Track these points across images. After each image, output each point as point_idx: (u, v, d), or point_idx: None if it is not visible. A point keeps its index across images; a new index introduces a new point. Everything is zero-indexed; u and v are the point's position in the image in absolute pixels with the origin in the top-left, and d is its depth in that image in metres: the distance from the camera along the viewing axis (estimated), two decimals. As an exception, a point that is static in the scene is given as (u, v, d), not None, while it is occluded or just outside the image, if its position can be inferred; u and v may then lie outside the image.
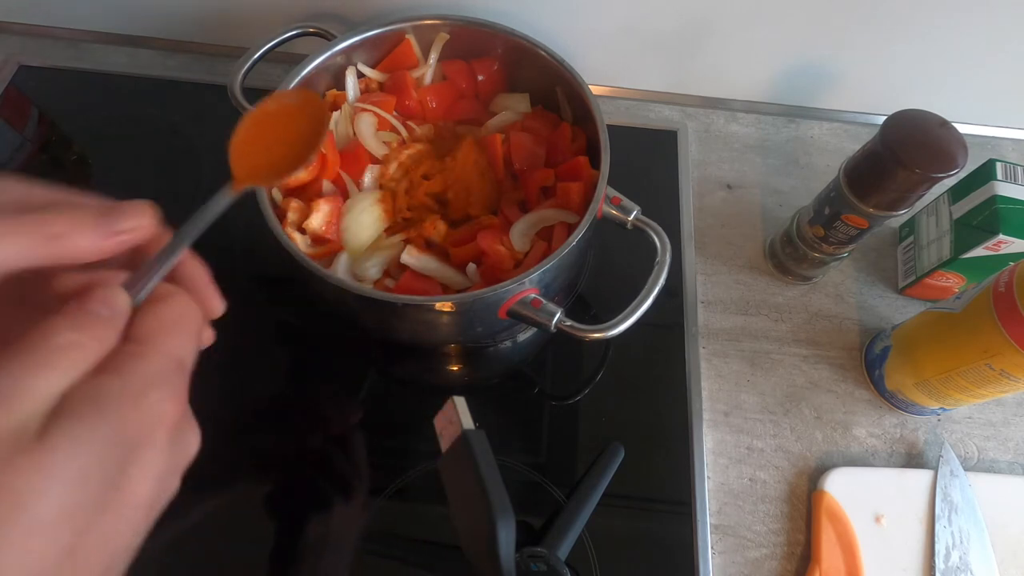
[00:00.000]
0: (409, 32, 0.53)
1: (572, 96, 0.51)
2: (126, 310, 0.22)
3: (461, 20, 0.52)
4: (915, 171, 0.42)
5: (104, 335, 0.21)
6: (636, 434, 0.50)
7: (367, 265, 0.46)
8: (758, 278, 0.58)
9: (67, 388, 0.20)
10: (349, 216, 0.47)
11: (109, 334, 0.22)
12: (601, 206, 0.45)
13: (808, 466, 0.50)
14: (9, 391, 0.19)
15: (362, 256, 0.47)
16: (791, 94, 0.66)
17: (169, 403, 0.22)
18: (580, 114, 0.51)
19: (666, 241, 0.42)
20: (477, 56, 0.54)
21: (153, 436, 0.21)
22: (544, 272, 0.41)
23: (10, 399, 0.19)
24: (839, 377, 0.54)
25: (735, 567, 0.47)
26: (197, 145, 0.62)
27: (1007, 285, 0.40)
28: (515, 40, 0.51)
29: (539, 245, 0.47)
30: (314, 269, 0.40)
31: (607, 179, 0.45)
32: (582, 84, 0.49)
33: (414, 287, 0.45)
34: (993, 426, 0.53)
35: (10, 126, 0.62)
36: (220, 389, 0.43)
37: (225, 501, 0.46)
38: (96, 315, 0.21)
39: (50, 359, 0.20)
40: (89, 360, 0.21)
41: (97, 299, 0.22)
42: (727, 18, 0.58)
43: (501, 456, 0.47)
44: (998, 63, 0.60)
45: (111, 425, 0.20)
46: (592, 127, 0.48)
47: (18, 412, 0.19)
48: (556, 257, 0.41)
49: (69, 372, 0.20)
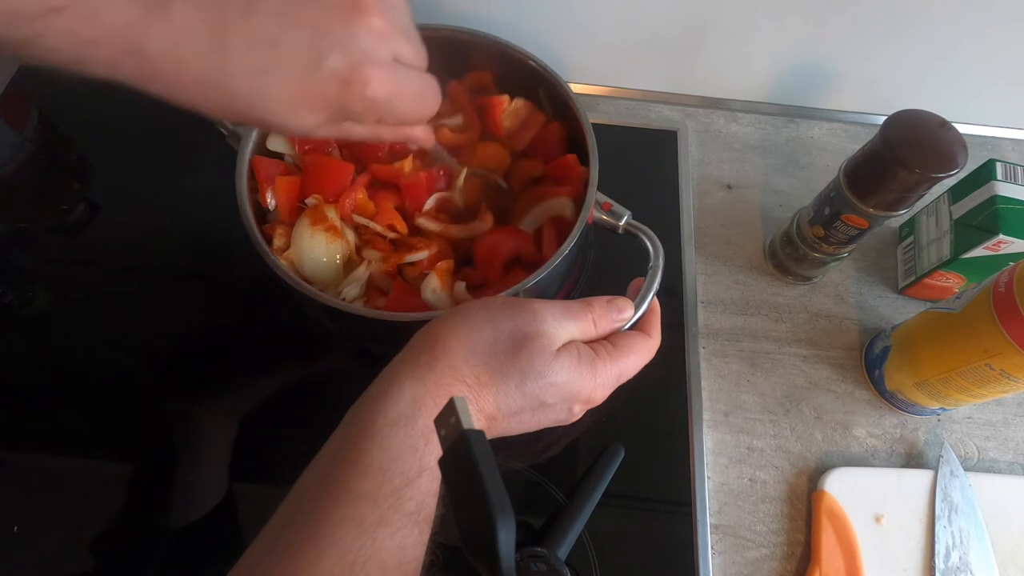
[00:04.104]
0: None
1: (556, 100, 0.50)
2: (627, 321, 0.36)
3: (442, 28, 0.50)
4: (915, 171, 0.42)
5: (608, 330, 0.35)
6: (636, 434, 0.50)
7: (345, 290, 0.46)
8: (758, 278, 0.58)
9: (576, 336, 0.34)
10: (296, 247, 0.45)
11: (610, 329, 0.36)
12: (592, 212, 0.44)
13: (808, 466, 0.50)
14: (557, 324, 0.33)
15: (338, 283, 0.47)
16: (791, 94, 0.66)
17: (597, 393, 0.34)
18: (566, 117, 0.51)
19: (659, 246, 0.42)
20: (460, 63, 0.52)
21: (574, 403, 0.34)
22: (538, 282, 0.41)
23: (555, 323, 0.33)
24: (839, 377, 0.54)
25: (735, 567, 0.47)
26: (197, 145, 0.62)
27: (1007, 285, 0.40)
28: (499, 47, 0.50)
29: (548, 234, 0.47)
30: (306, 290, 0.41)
31: (596, 185, 0.44)
32: (567, 88, 0.48)
33: (406, 304, 0.45)
34: (993, 426, 0.53)
35: (10, 126, 0.62)
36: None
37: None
38: (616, 320, 0.36)
39: (580, 315, 0.34)
40: (589, 334, 0.35)
41: (620, 307, 0.36)
42: (727, 18, 0.58)
43: (501, 456, 0.48)
44: (998, 63, 0.60)
45: (579, 369, 0.33)
46: (579, 131, 0.47)
47: (559, 336, 0.33)
48: (548, 268, 0.41)
49: (587, 331, 0.34)
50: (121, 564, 0.45)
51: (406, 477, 0.28)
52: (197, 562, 0.44)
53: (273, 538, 0.28)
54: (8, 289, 0.54)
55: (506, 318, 0.32)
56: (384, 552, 0.27)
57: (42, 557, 0.44)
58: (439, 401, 0.30)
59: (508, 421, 0.32)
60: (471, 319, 0.32)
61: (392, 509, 0.27)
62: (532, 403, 0.32)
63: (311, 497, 0.29)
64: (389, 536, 0.27)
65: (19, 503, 0.46)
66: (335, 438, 0.30)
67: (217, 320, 0.54)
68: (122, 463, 0.48)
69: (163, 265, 0.56)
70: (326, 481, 0.28)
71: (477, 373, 0.31)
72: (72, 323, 0.53)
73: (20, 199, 0.60)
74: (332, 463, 0.29)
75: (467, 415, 0.24)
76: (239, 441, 0.49)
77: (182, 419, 0.49)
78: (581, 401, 0.34)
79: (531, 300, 0.34)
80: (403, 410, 0.29)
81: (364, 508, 0.27)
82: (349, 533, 0.26)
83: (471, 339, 0.32)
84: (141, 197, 0.59)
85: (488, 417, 0.32)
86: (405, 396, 0.30)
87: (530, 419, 0.33)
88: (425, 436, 0.29)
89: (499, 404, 0.31)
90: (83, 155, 0.62)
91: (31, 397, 0.51)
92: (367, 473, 0.28)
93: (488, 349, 0.31)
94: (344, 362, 0.54)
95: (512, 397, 0.31)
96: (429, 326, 0.33)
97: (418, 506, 0.28)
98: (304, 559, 0.26)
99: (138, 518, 0.46)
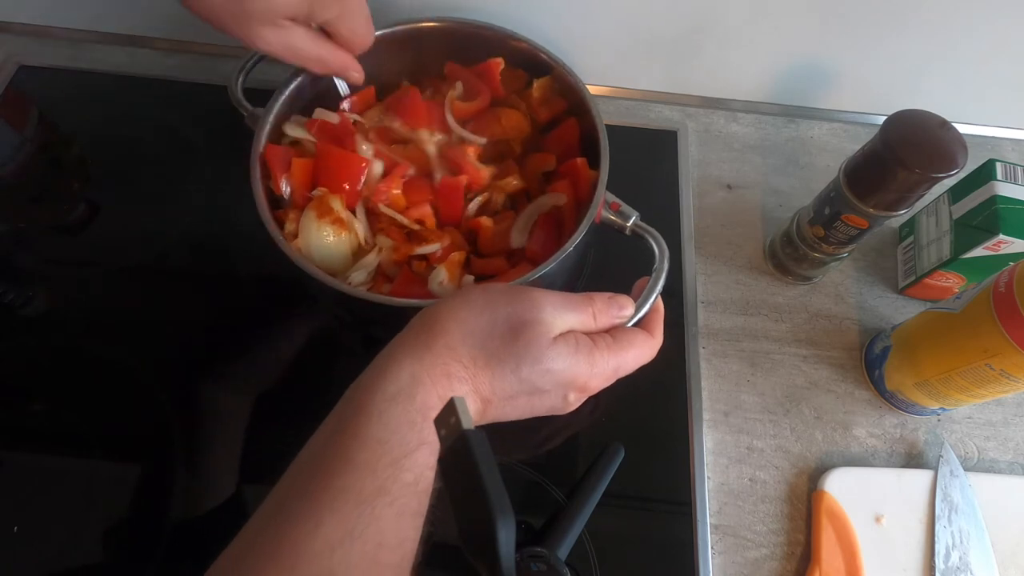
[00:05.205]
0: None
1: (571, 95, 0.51)
2: (628, 318, 0.37)
3: (458, 22, 0.52)
4: (915, 171, 0.42)
5: (608, 324, 0.36)
6: (636, 434, 0.50)
7: (352, 275, 0.46)
8: (758, 278, 0.58)
9: (575, 327, 0.34)
10: (304, 237, 0.45)
11: (610, 324, 0.36)
12: (600, 211, 0.45)
13: (808, 466, 0.50)
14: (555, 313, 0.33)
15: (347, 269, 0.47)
16: (791, 94, 0.66)
17: (593, 382, 0.34)
18: (578, 114, 0.51)
19: (664, 249, 0.42)
20: (472, 57, 0.53)
21: (569, 391, 0.34)
22: (542, 276, 0.41)
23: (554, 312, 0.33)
24: (839, 377, 0.54)
25: (735, 567, 0.47)
26: (197, 145, 0.62)
27: (1007, 285, 0.40)
28: (515, 43, 0.51)
29: (537, 236, 0.47)
30: (314, 273, 0.41)
31: (606, 184, 0.45)
32: (583, 88, 0.49)
33: (410, 291, 0.45)
34: (993, 426, 0.53)
35: (10, 126, 0.62)
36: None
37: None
38: (616, 316, 0.36)
39: (580, 307, 0.34)
40: (589, 327, 0.35)
41: (621, 304, 0.37)
42: (727, 18, 0.58)
43: (501, 456, 0.48)
44: (998, 63, 0.60)
45: (575, 358, 0.33)
46: (593, 130, 0.47)
47: (557, 325, 0.33)
48: (553, 262, 0.41)
49: (586, 324, 0.35)
50: (121, 564, 0.45)
51: (404, 449, 0.28)
52: (198, 561, 0.44)
53: (273, 510, 0.29)
54: (8, 289, 0.54)
55: (505, 303, 0.33)
56: (382, 521, 0.27)
57: (42, 557, 0.44)
58: (436, 380, 0.30)
59: (503, 405, 0.33)
60: (471, 302, 0.33)
61: (391, 479, 0.28)
62: (527, 388, 0.32)
63: (310, 469, 0.29)
64: (387, 505, 0.27)
65: (19, 503, 0.46)
66: (333, 415, 0.31)
67: (217, 319, 0.54)
68: (122, 463, 0.48)
69: (163, 265, 0.56)
70: (325, 454, 0.29)
71: (474, 355, 0.31)
72: (72, 323, 0.53)
73: (20, 199, 0.60)
74: (331, 437, 0.29)
75: (467, 415, 0.24)
76: (239, 440, 0.49)
77: (182, 419, 0.49)
78: (576, 389, 0.34)
79: (532, 288, 0.34)
80: (401, 387, 0.30)
81: (363, 478, 0.27)
82: (348, 502, 0.27)
83: (470, 322, 0.32)
84: (141, 197, 0.59)
85: (484, 400, 0.32)
86: (403, 374, 0.30)
87: (525, 404, 0.34)
88: (423, 412, 0.29)
89: (495, 387, 0.32)
90: (83, 155, 0.62)
91: (31, 397, 0.51)
92: (365, 445, 0.28)
93: (486, 332, 0.32)
94: (348, 360, 0.54)
95: (508, 381, 0.32)
96: (429, 308, 0.34)
97: (416, 477, 0.28)
98: (303, 528, 0.26)
99: (138, 518, 0.46)
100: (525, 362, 0.32)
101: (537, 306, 0.33)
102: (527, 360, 0.32)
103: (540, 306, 0.33)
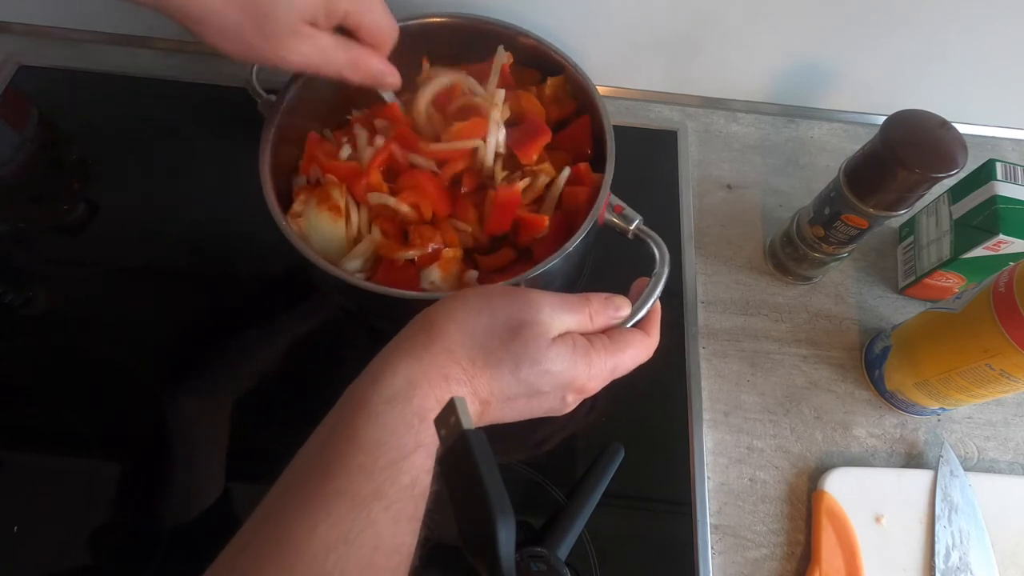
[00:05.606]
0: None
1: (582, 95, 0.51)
2: (624, 319, 0.37)
3: (467, 18, 0.52)
4: (915, 171, 0.42)
5: (604, 325, 0.36)
6: (636, 434, 0.50)
7: (348, 264, 0.46)
8: (758, 278, 0.58)
9: (572, 328, 0.34)
10: (306, 222, 0.46)
11: (606, 325, 0.36)
12: (603, 213, 0.44)
13: (808, 466, 0.50)
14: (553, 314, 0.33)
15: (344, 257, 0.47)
16: (791, 94, 0.66)
17: (591, 383, 0.34)
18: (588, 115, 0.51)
19: (665, 253, 0.42)
20: (480, 55, 0.53)
21: (567, 392, 0.34)
22: (542, 273, 0.41)
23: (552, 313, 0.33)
24: (839, 377, 0.54)
25: (735, 567, 0.47)
26: (197, 145, 0.62)
27: (1007, 285, 0.40)
28: (525, 40, 0.51)
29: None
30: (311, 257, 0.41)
31: (609, 187, 0.44)
32: (593, 89, 0.49)
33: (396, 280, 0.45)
34: (993, 426, 0.53)
35: (10, 126, 0.62)
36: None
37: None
38: (613, 318, 0.36)
39: (577, 308, 0.34)
40: (586, 327, 0.35)
41: (617, 305, 0.36)
42: (727, 18, 0.58)
43: (501, 456, 0.48)
44: (998, 63, 0.60)
45: (573, 359, 0.33)
46: (600, 132, 0.47)
47: (555, 326, 0.33)
48: (552, 261, 0.41)
49: (583, 324, 0.35)
50: (121, 563, 0.45)
51: (401, 451, 0.28)
52: (198, 560, 0.44)
53: (269, 511, 0.28)
54: (8, 289, 0.54)
55: (503, 305, 0.33)
56: (379, 524, 0.27)
57: (42, 557, 0.44)
58: (434, 382, 0.30)
59: (502, 407, 0.33)
60: (469, 304, 0.33)
61: (388, 482, 0.28)
62: (526, 389, 0.32)
63: (307, 471, 0.29)
64: (384, 508, 0.27)
65: (19, 503, 0.46)
66: (330, 417, 0.31)
67: (217, 319, 0.54)
68: (122, 462, 0.48)
69: (163, 265, 0.56)
70: (321, 456, 0.29)
71: (472, 357, 0.31)
72: (72, 323, 0.53)
73: (20, 199, 0.60)
74: (327, 439, 0.29)
75: (467, 415, 0.24)
76: (240, 440, 0.49)
77: (182, 418, 0.49)
78: (574, 390, 0.34)
79: (529, 290, 0.34)
80: (398, 389, 0.29)
81: (359, 480, 0.27)
82: (344, 505, 0.27)
83: (468, 323, 0.32)
84: (141, 197, 0.59)
85: (482, 401, 0.32)
86: (400, 376, 0.30)
87: (524, 406, 0.34)
88: (420, 414, 0.29)
89: (493, 389, 0.32)
90: (83, 155, 0.62)
91: (31, 397, 0.51)
92: (362, 447, 0.28)
93: (484, 334, 0.32)
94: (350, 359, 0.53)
95: (506, 382, 0.32)
96: (427, 310, 0.34)
97: (413, 480, 0.28)
98: (299, 530, 0.26)
99: (139, 517, 0.46)
100: (524, 363, 0.32)
101: (535, 307, 0.33)
102: (526, 361, 0.32)
103: (538, 307, 0.33)
